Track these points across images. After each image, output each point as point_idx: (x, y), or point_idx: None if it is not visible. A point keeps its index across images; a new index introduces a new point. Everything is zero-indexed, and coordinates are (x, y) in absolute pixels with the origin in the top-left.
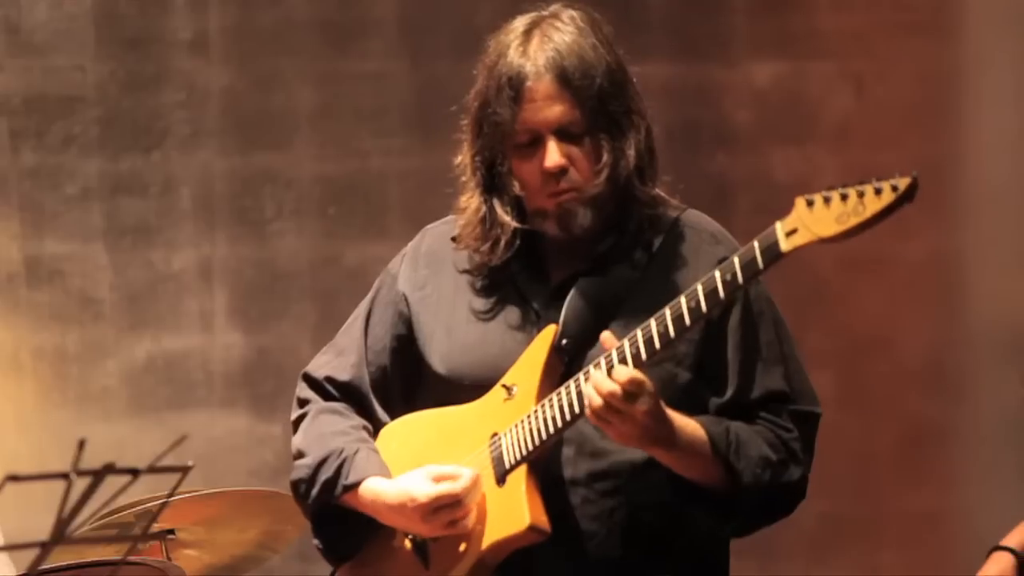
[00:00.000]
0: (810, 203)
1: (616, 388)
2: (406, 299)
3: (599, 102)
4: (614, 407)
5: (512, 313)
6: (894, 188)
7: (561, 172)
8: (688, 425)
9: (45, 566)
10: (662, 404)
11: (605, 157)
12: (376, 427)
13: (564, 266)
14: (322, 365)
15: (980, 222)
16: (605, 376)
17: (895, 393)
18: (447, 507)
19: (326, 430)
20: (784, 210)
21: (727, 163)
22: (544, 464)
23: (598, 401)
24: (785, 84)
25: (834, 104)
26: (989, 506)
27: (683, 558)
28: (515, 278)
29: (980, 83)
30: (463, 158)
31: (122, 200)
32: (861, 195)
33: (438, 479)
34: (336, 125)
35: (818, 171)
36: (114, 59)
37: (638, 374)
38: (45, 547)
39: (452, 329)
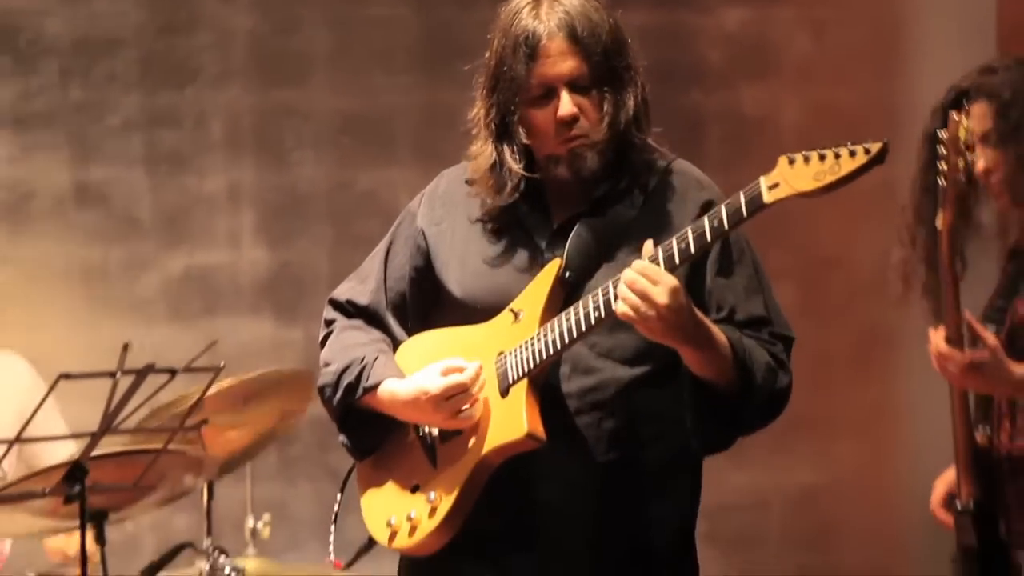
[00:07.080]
0: (791, 161)
1: (636, 276)
2: (424, 233)
3: (604, 58)
4: (638, 290)
5: (520, 249)
6: (867, 151)
7: (573, 120)
8: (714, 328)
9: (95, 453)
10: (692, 304)
11: (607, 107)
12: (394, 344)
13: (566, 209)
14: (346, 291)
15: None
16: (628, 270)
17: (848, 302)
18: (456, 396)
19: (349, 342)
20: (749, 141)
21: (700, 98)
22: (543, 379)
23: (626, 291)
24: (752, 28)
25: (796, 46)
26: (930, 399)
27: (662, 460)
28: (522, 220)
29: (926, 28)
30: (476, 112)
31: (159, 131)
32: (837, 156)
33: (446, 372)
34: (350, 64)
35: (782, 106)
36: (152, 5)
37: (652, 265)
38: (94, 437)
39: (466, 260)
